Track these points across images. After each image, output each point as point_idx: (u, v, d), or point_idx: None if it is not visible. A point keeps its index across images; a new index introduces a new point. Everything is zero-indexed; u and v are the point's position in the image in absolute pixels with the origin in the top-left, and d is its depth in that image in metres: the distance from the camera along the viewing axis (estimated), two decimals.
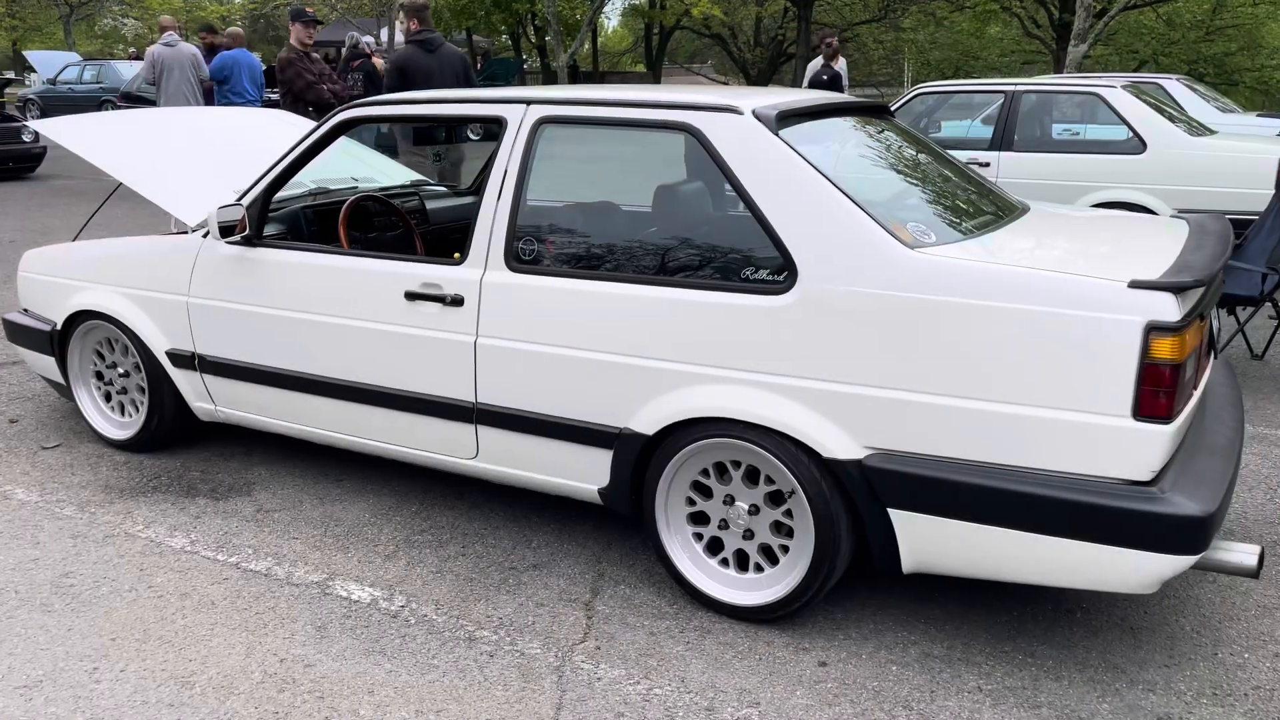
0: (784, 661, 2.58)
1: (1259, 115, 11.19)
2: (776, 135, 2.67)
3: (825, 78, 10.51)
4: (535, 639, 2.68)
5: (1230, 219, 5.99)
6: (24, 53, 29.86)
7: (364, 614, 2.79)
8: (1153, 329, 2.23)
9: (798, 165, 2.61)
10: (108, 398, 4.01)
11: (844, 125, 3.15)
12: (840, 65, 10.81)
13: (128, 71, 20.94)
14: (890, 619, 2.78)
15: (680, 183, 3.16)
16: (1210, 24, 26.30)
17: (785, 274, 2.58)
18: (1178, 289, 2.26)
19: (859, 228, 2.51)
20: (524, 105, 3.03)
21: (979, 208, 3.00)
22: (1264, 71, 26.83)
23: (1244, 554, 2.42)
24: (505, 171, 2.99)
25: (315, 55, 7.63)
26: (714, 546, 2.83)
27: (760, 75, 31.49)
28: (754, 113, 2.72)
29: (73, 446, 4.00)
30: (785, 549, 2.70)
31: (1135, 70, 23.45)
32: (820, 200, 2.56)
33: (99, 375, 4.00)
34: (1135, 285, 2.27)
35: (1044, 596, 2.90)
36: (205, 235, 3.53)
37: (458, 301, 2.99)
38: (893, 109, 6.80)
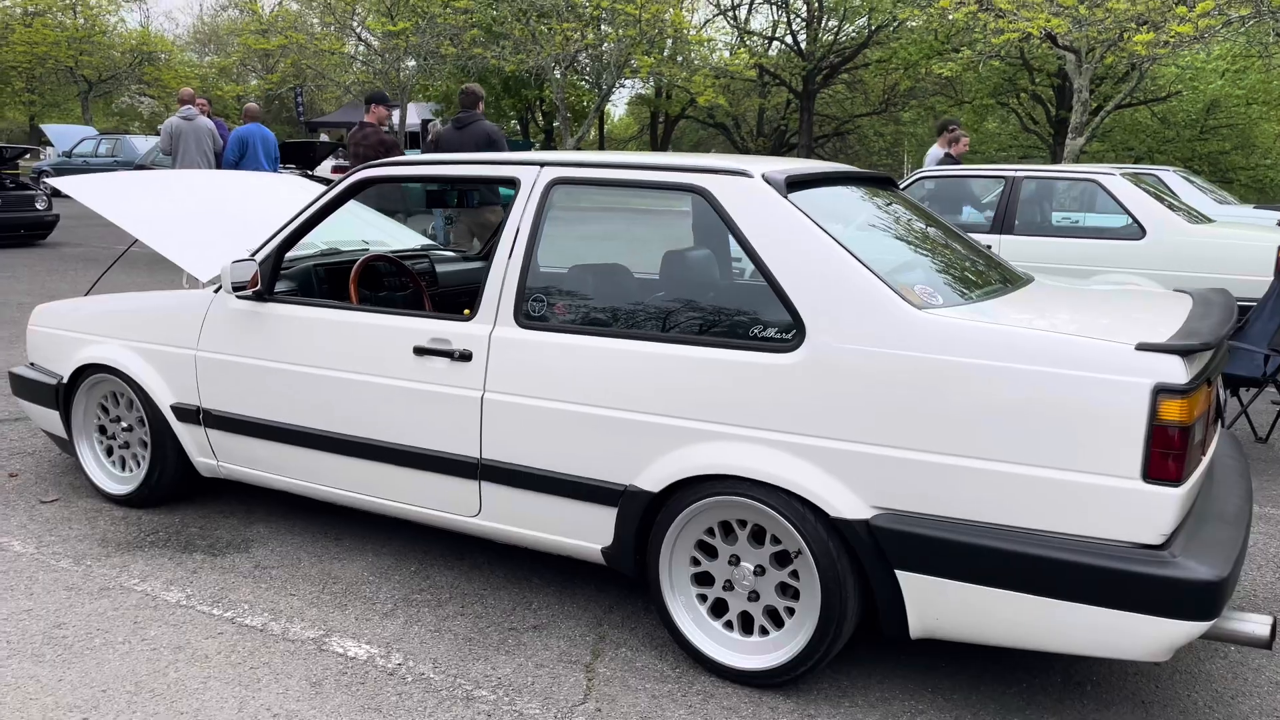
0: None
1: (1255, 207, 11.36)
2: (785, 198, 2.72)
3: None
4: (534, 699, 2.62)
5: None
6: (40, 126, 30.45)
7: (360, 671, 2.74)
8: (1161, 391, 2.24)
9: (806, 227, 2.65)
10: (109, 452, 3.99)
11: (852, 193, 3.21)
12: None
13: (143, 146, 21.34)
14: (897, 688, 2.73)
15: (689, 242, 3.20)
16: (1204, 123, 26.92)
17: (793, 332, 2.60)
18: (1185, 352, 2.27)
19: (867, 288, 2.53)
20: (538, 167, 3.09)
21: (985, 275, 3.03)
22: (1258, 170, 27.37)
23: (1257, 624, 2.39)
24: (517, 230, 3.03)
25: (385, 129, 8.35)
26: (718, 609, 2.79)
27: None
28: (764, 176, 2.77)
29: (71, 501, 3.97)
30: (791, 611, 2.66)
31: None
32: (828, 260, 2.59)
33: (102, 430, 3.99)
34: (1143, 348, 2.28)
35: (1054, 668, 2.85)
36: (217, 290, 3.56)
37: (466, 357, 3.00)
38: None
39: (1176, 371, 2.25)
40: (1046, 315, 2.67)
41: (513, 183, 3.11)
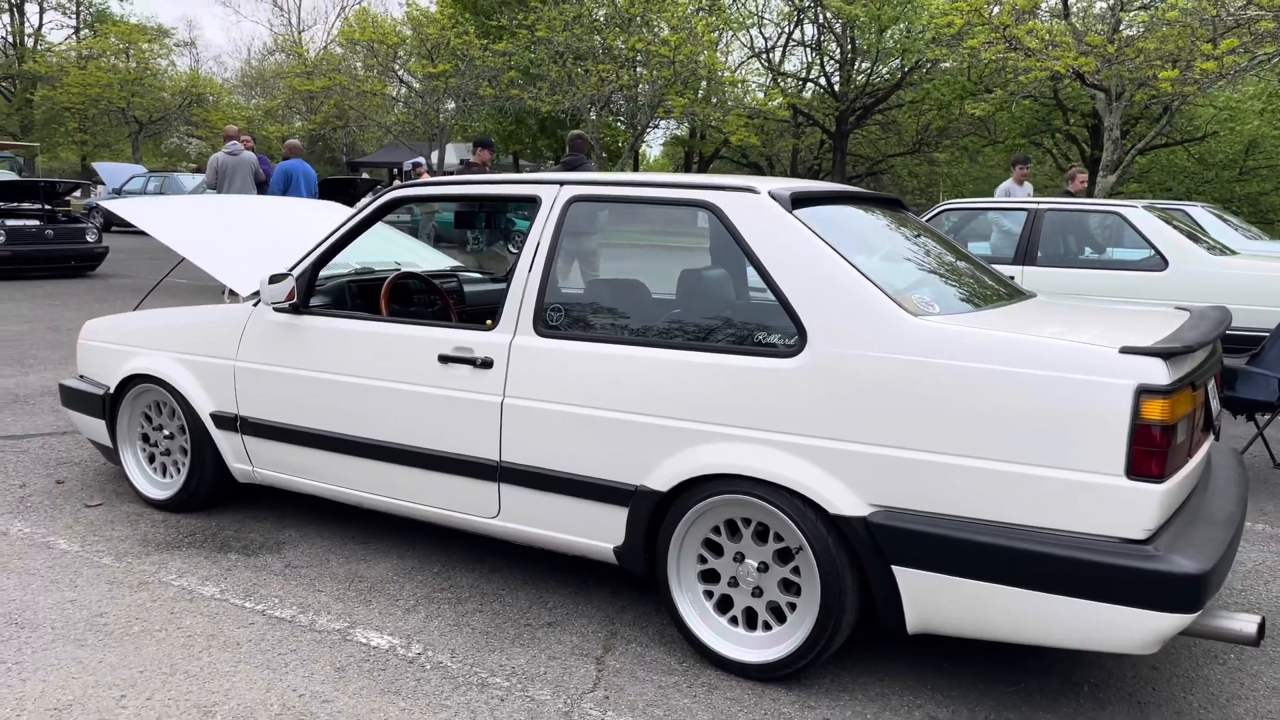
0: (789, 718, 2.62)
1: None
2: (790, 213, 2.86)
3: None
4: (546, 687, 2.74)
5: (1251, 335, 6.11)
6: (92, 164, 31.40)
7: (382, 658, 2.88)
8: (1143, 391, 2.34)
9: (808, 239, 2.79)
10: (151, 459, 4.19)
11: (859, 212, 3.34)
12: (1026, 189, 9.75)
13: (190, 183, 21.97)
14: (896, 684, 2.82)
15: (699, 255, 3.35)
16: (1243, 163, 26.74)
17: (796, 338, 2.73)
18: (1167, 354, 2.38)
19: (865, 296, 2.66)
20: (557, 186, 3.26)
21: (986, 289, 3.15)
22: None
23: (1244, 622, 2.46)
24: (538, 244, 3.20)
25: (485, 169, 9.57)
26: (724, 604, 2.90)
27: None
28: (770, 193, 2.92)
29: (114, 505, 4.16)
30: (793, 606, 2.77)
31: None
32: (829, 270, 2.72)
33: (145, 438, 4.19)
34: (1126, 351, 2.39)
35: (1051, 669, 2.92)
36: (255, 304, 3.76)
37: (487, 364, 3.16)
38: None
39: (1158, 373, 2.35)
40: (1038, 324, 2.78)
41: (534, 200, 3.29)
